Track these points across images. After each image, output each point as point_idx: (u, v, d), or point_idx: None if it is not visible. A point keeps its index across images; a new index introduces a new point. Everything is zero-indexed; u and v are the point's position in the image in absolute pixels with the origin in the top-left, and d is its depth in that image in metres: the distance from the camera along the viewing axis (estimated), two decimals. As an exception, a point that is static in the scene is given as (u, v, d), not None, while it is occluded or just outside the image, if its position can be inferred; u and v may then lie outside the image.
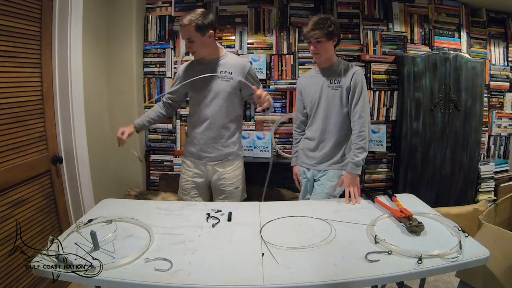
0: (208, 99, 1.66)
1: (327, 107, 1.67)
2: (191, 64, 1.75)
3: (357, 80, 1.61)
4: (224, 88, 1.66)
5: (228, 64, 1.68)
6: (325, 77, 1.69)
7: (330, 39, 1.60)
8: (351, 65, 1.68)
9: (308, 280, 0.97)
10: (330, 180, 1.69)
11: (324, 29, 1.57)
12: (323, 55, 1.65)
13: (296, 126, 1.91)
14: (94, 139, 2.12)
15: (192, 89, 1.70)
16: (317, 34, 1.57)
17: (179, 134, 2.52)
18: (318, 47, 1.61)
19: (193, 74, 1.64)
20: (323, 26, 1.57)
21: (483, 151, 2.69)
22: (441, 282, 1.97)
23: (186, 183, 1.80)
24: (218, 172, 1.75)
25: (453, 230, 1.22)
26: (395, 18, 2.50)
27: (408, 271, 1.00)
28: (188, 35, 1.57)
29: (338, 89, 1.65)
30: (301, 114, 1.85)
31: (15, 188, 1.54)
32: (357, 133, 1.59)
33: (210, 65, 1.67)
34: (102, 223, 1.30)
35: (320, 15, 1.62)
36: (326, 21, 1.58)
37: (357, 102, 1.61)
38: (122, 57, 2.36)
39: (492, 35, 2.66)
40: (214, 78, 1.65)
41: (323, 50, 1.62)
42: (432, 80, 2.34)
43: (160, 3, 2.46)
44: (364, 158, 1.60)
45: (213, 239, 1.21)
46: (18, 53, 1.55)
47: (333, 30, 1.58)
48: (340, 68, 1.67)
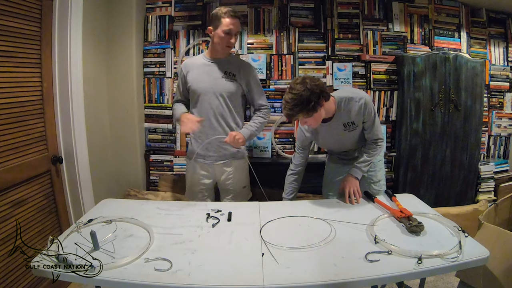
0: (212, 98, 1.66)
1: (347, 144, 1.64)
2: (195, 63, 1.73)
3: (368, 111, 1.49)
4: (228, 88, 1.67)
5: (234, 65, 1.70)
6: (337, 122, 1.52)
7: (316, 110, 1.35)
8: (356, 99, 1.47)
9: (308, 280, 0.97)
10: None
11: (303, 111, 1.33)
12: (318, 122, 1.45)
13: (293, 166, 1.71)
14: (94, 139, 2.12)
15: (196, 88, 1.69)
16: (299, 117, 1.37)
17: (179, 134, 2.52)
18: (309, 122, 1.42)
19: (202, 73, 1.67)
20: (301, 108, 1.32)
21: (483, 151, 2.69)
22: (441, 282, 1.97)
23: (195, 186, 1.80)
24: (226, 171, 1.75)
25: (453, 230, 1.22)
26: (395, 18, 2.50)
27: (408, 271, 1.00)
28: (239, 28, 1.63)
29: (355, 129, 1.54)
30: (302, 152, 1.69)
31: (15, 188, 1.54)
32: (370, 148, 1.60)
33: (218, 64, 1.68)
34: (102, 223, 1.30)
35: (290, 93, 1.33)
36: (301, 100, 1.30)
37: (372, 125, 1.55)
38: (122, 57, 2.36)
39: (492, 35, 2.66)
40: (218, 77, 1.66)
41: (315, 120, 1.42)
42: (432, 80, 2.34)
43: (160, 3, 2.46)
44: (368, 169, 1.64)
45: (213, 239, 1.21)
46: (18, 53, 1.55)
47: (314, 104, 1.32)
48: (346, 109, 1.49)
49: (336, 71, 2.46)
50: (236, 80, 1.68)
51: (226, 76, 1.67)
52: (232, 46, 1.65)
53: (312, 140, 1.67)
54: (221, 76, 1.66)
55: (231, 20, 1.57)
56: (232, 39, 1.61)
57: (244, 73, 1.71)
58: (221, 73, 1.67)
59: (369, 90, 2.48)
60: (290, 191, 1.70)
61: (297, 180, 1.71)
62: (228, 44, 1.62)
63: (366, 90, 2.48)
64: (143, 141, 2.54)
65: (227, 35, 1.59)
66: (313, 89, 1.32)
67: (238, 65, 1.71)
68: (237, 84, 1.69)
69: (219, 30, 1.59)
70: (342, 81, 2.47)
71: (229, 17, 1.57)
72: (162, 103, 2.49)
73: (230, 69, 1.68)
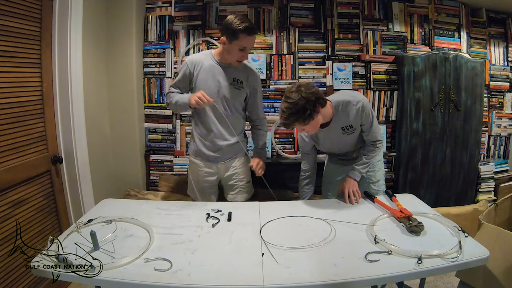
0: (217, 103, 1.63)
1: (346, 146, 1.65)
2: (204, 63, 1.65)
3: (366, 114, 1.48)
4: (234, 96, 1.66)
5: (242, 72, 1.67)
6: (335, 126, 1.53)
7: (313, 118, 1.34)
8: (353, 103, 1.47)
9: (308, 280, 0.97)
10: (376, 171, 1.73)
11: (300, 120, 1.32)
12: (316, 128, 1.45)
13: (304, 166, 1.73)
14: (94, 139, 2.12)
15: (200, 88, 1.62)
16: (296, 125, 1.36)
17: (179, 134, 2.52)
18: (307, 129, 1.42)
19: (210, 77, 1.63)
20: (297, 117, 1.31)
21: (483, 151, 2.69)
22: (441, 282, 1.97)
23: (200, 184, 1.79)
24: (230, 167, 1.76)
25: (453, 230, 1.22)
26: (395, 18, 2.50)
27: (408, 271, 1.01)
28: (254, 44, 1.63)
29: (354, 132, 1.54)
30: (308, 158, 1.72)
31: (15, 188, 1.54)
32: (369, 150, 1.60)
33: (227, 70, 1.65)
34: (102, 223, 1.30)
35: (285, 102, 1.32)
36: (297, 109, 1.29)
37: (370, 127, 1.54)
38: (122, 57, 2.36)
39: (492, 35, 2.66)
40: (225, 84, 1.64)
41: (313, 127, 1.41)
42: (432, 80, 2.34)
43: (160, 3, 2.46)
44: (367, 170, 1.64)
45: (213, 239, 1.21)
46: (18, 53, 1.55)
47: (310, 112, 1.31)
48: (344, 113, 1.49)
49: (336, 71, 2.46)
50: (243, 88, 1.67)
51: (234, 83, 1.65)
52: (243, 60, 1.62)
53: (314, 144, 1.67)
54: (229, 83, 1.64)
55: (248, 38, 1.52)
56: (245, 56, 1.59)
57: (251, 81, 1.70)
58: (229, 79, 1.64)
59: (369, 90, 2.48)
60: (305, 196, 1.72)
61: (310, 182, 1.72)
62: (240, 59, 1.60)
63: (366, 90, 2.48)
64: (143, 141, 2.54)
65: (241, 51, 1.56)
66: (308, 97, 1.30)
67: (246, 72, 1.69)
68: (243, 91, 1.68)
69: (235, 45, 1.53)
70: (342, 81, 2.47)
71: (246, 35, 1.50)
72: (162, 103, 2.49)
73: (238, 75, 1.66)
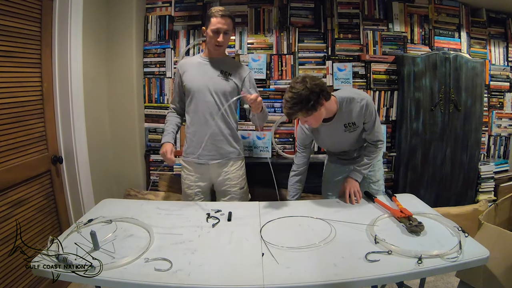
0: (207, 97, 1.66)
1: (346, 144, 1.64)
2: (191, 62, 1.74)
3: (370, 112, 1.49)
4: (223, 87, 1.67)
5: (229, 65, 1.71)
6: (337, 122, 1.52)
7: (316, 109, 1.35)
8: (357, 100, 1.47)
9: (308, 280, 0.97)
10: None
11: (303, 110, 1.32)
12: (319, 121, 1.44)
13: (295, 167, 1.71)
14: (94, 139, 2.12)
15: (191, 86, 1.69)
16: (299, 116, 1.36)
17: (179, 134, 2.51)
18: (310, 121, 1.42)
19: (198, 72, 1.68)
20: (300, 107, 1.31)
21: (483, 151, 2.69)
22: (441, 282, 1.97)
23: (190, 189, 1.79)
24: (223, 172, 1.75)
25: (453, 230, 1.22)
26: (395, 18, 2.50)
27: (408, 271, 1.00)
28: (228, 26, 1.61)
29: (356, 129, 1.54)
30: (304, 151, 1.70)
31: (15, 188, 1.54)
32: (370, 151, 1.60)
33: (214, 63, 1.69)
34: (102, 223, 1.30)
35: (290, 92, 1.33)
36: (301, 99, 1.30)
37: (372, 126, 1.54)
38: (122, 57, 2.36)
39: (492, 35, 2.66)
40: (213, 76, 1.67)
41: (316, 120, 1.41)
42: (432, 80, 2.34)
43: (160, 3, 2.46)
44: (368, 171, 1.65)
45: (213, 239, 1.21)
46: (18, 53, 1.55)
47: (313, 103, 1.32)
48: (348, 110, 1.49)
49: (336, 71, 2.46)
50: (232, 79, 1.68)
51: (222, 75, 1.68)
52: (221, 45, 1.64)
53: (313, 138, 1.67)
54: (217, 75, 1.67)
55: (219, 19, 1.58)
56: (219, 38, 1.61)
57: (240, 72, 1.72)
58: (216, 71, 1.68)
59: (369, 90, 2.48)
60: (294, 194, 1.70)
61: (300, 180, 1.70)
62: (216, 42, 1.62)
63: (366, 90, 2.48)
64: (143, 141, 2.53)
65: (215, 34, 1.60)
66: (312, 88, 1.31)
67: (234, 66, 1.73)
68: (232, 83, 1.69)
69: (209, 31, 1.61)
70: (342, 81, 2.46)
71: (218, 16, 1.59)
72: (162, 103, 2.49)
73: (225, 68, 1.69)
